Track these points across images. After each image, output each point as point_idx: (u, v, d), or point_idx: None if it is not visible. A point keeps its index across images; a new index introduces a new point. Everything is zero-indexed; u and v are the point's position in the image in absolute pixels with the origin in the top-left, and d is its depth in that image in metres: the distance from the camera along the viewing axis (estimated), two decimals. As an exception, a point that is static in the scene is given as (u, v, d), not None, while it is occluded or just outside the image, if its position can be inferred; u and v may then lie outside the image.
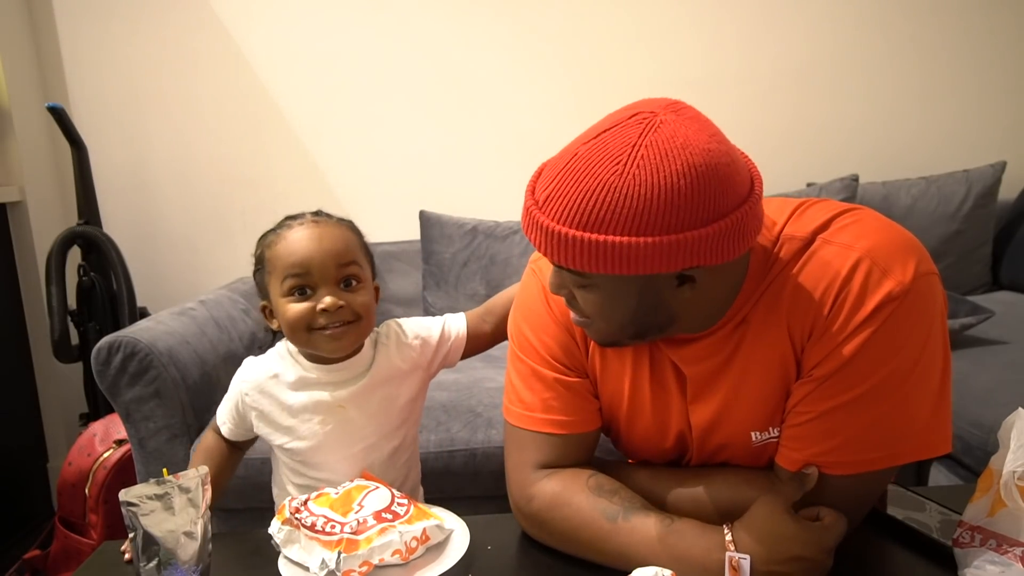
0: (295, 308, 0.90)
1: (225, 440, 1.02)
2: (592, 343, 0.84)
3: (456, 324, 1.06)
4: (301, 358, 0.97)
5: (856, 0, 2.27)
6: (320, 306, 0.90)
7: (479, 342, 1.07)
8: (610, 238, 0.63)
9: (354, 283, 0.93)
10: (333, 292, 0.91)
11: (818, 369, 0.71)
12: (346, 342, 0.93)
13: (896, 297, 0.68)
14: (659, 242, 0.63)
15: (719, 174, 0.64)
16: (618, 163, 0.63)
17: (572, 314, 0.78)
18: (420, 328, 1.04)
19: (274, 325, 0.96)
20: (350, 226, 0.98)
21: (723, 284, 0.73)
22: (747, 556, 0.67)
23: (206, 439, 1.04)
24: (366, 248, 0.99)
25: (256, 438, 1.02)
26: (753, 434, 0.79)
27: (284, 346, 1.00)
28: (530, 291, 0.89)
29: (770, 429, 0.78)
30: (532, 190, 0.71)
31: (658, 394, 0.82)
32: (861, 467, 0.71)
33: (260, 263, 0.96)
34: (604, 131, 0.66)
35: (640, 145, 0.63)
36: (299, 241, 0.91)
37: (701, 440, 0.82)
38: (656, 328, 0.75)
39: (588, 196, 0.64)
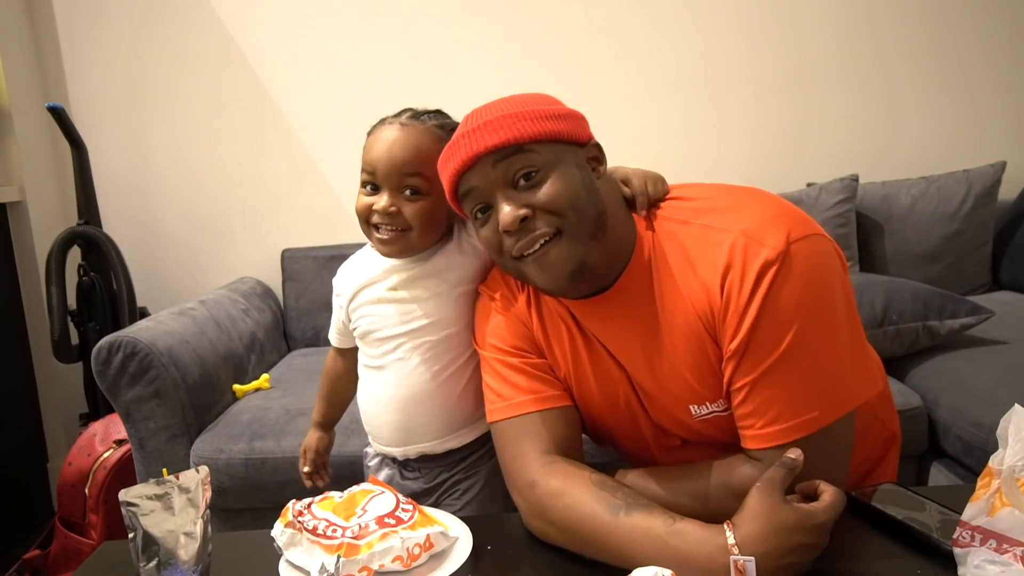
0: (361, 200, 1.00)
1: (343, 356, 1.16)
2: (536, 324, 0.92)
3: None
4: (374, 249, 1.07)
5: (857, 0, 2.27)
6: (375, 206, 0.97)
7: None
8: (540, 108, 0.82)
9: (415, 193, 0.97)
10: (393, 197, 0.97)
11: (732, 344, 0.78)
12: (393, 248, 1.00)
13: (773, 262, 0.75)
14: (565, 110, 0.84)
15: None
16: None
17: (537, 243, 0.81)
18: None
19: None
20: (439, 135, 0.97)
21: (615, 201, 0.85)
22: (752, 558, 0.67)
23: (327, 362, 1.20)
24: None
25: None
26: (692, 408, 0.85)
27: None
28: (482, 306, 0.99)
29: (707, 403, 0.84)
30: (456, 141, 0.84)
31: (595, 362, 0.90)
32: (808, 428, 0.76)
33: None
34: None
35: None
36: (377, 142, 0.98)
37: (646, 410, 0.90)
38: (600, 225, 0.82)
39: (513, 101, 0.83)
